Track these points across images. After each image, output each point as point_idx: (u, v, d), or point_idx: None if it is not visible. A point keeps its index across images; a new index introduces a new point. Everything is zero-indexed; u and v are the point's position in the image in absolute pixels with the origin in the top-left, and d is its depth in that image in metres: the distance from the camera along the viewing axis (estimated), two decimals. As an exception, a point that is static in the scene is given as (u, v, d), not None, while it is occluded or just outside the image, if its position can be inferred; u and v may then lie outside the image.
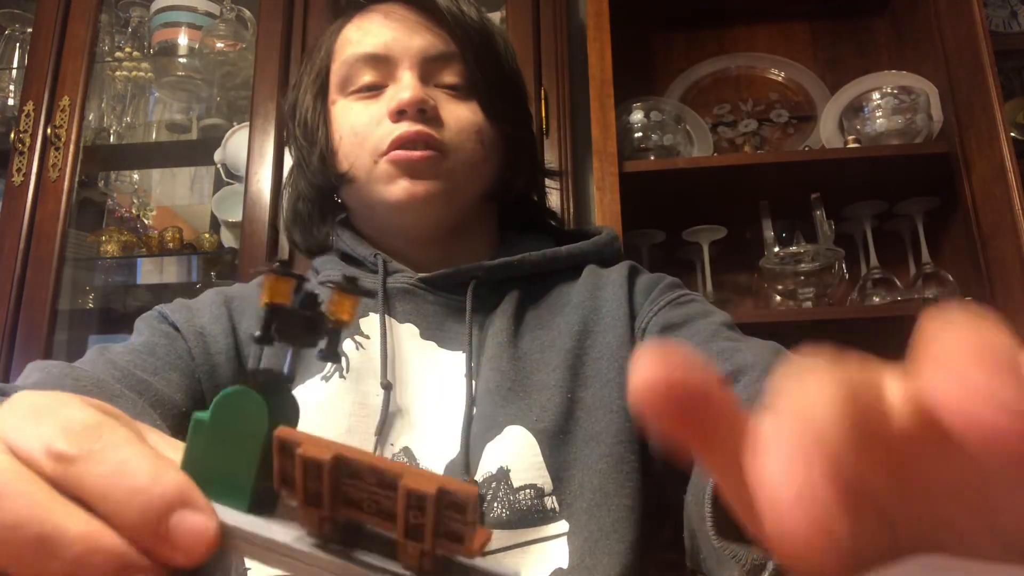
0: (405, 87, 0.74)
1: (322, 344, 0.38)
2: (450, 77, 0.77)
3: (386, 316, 0.74)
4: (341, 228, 0.82)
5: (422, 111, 0.73)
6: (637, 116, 1.71)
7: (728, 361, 0.63)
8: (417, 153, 0.72)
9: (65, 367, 0.64)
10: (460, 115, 0.75)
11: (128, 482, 0.24)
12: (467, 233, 0.81)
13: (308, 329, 0.36)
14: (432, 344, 0.75)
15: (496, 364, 0.71)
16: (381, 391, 0.70)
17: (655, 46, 1.96)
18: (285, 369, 0.37)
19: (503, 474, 0.65)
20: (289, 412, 0.34)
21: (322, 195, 0.82)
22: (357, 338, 0.74)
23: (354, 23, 0.79)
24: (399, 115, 0.73)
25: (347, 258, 0.81)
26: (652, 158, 1.68)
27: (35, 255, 1.61)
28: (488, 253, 0.81)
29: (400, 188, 0.73)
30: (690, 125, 1.82)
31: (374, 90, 0.76)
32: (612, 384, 0.71)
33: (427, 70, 0.76)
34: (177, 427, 0.65)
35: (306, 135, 0.81)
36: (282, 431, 0.28)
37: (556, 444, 0.68)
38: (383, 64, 0.76)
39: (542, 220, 0.89)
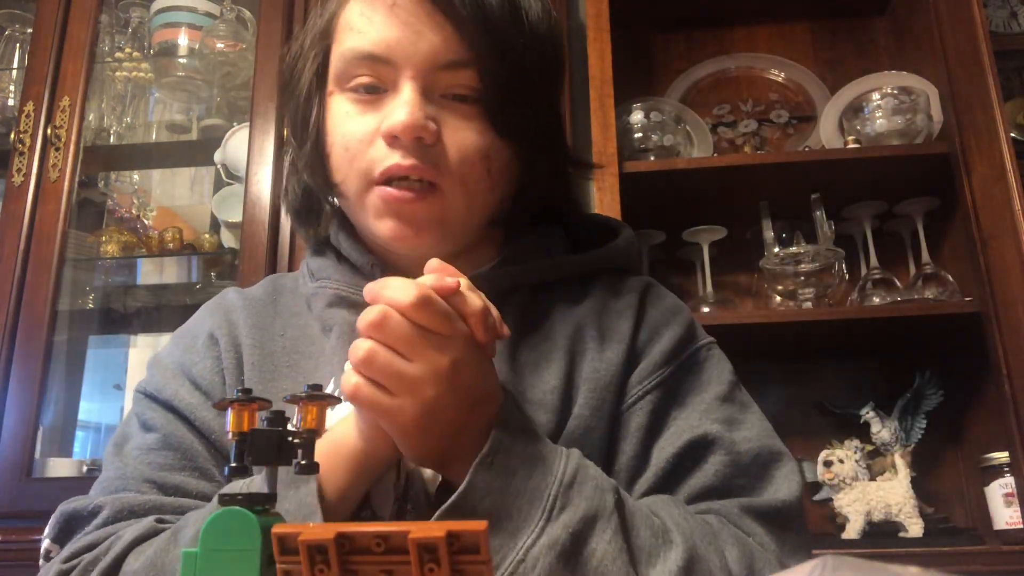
0: (402, 105, 0.64)
1: (299, 458, 0.38)
2: (461, 86, 0.66)
3: None
4: (339, 225, 0.76)
5: (419, 138, 0.64)
6: (637, 116, 1.71)
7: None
8: (409, 195, 0.65)
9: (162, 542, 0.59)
10: (465, 140, 0.66)
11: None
12: (470, 244, 0.73)
13: (281, 448, 0.37)
14: None
15: None
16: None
17: (655, 46, 1.96)
18: (266, 488, 0.37)
19: None
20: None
21: (319, 190, 0.75)
22: None
23: (359, 2, 0.69)
24: (393, 139, 0.65)
25: (344, 259, 0.75)
26: (652, 158, 1.68)
27: (35, 256, 1.61)
28: (492, 255, 0.74)
29: (387, 227, 0.67)
30: (690, 125, 1.82)
31: (373, 93, 0.67)
32: (589, 423, 0.66)
33: (433, 79, 0.66)
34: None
35: (295, 131, 0.74)
36: (279, 527, 0.28)
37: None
38: (383, 67, 0.66)
39: (555, 209, 0.78)
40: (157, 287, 1.89)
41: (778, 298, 1.67)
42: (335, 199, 0.74)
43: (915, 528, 1.47)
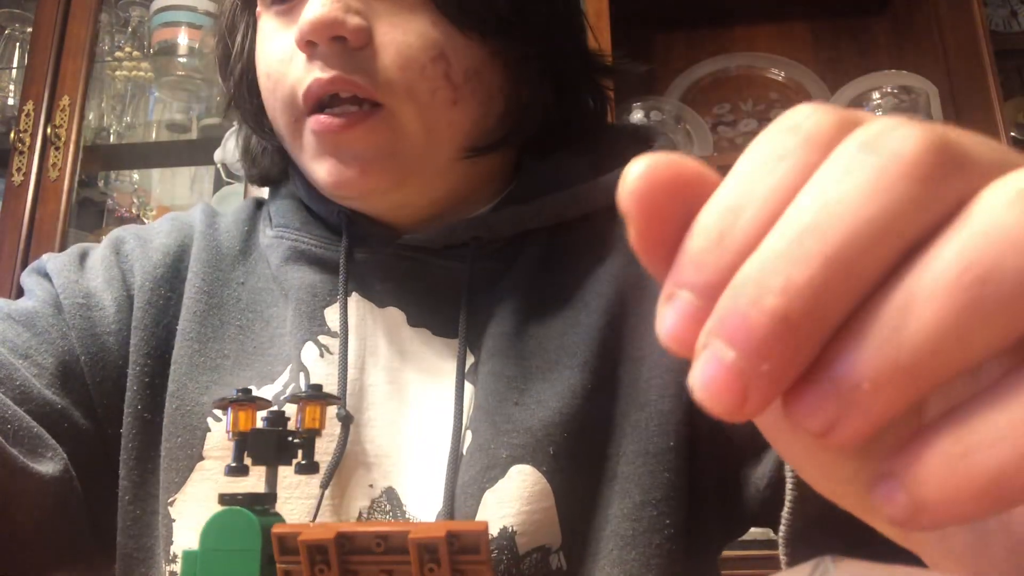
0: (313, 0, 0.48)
1: (300, 459, 0.37)
2: None
3: (350, 304, 0.55)
4: (293, 167, 0.60)
5: (339, 39, 0.48)
6: (637, 116, 1.71)
7: None
8: (338, 122, 0.49)
9: None
10: (408, 35, 0.49)
11: None
12: (460, 176, 0.56)
13: (281, 448, 0.36)
14: (425, 332, 0.55)
15: (497, 366, 0.52)
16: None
17: (655, 46, 1.96)
18: (266, 488, 0.36)
19: (507, 539, 0.48)
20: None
21: (262, 137, 0.61)
22: (322, 339, 0.53)
23: None
24: (309, 47, 0.49)
25: (306, 206, 0.61)
26: (652, 158, 1.68)
27: (35, 255, 1.61)
28: (496, 190, 0.58)
29: (326, 170, 0.51)
30: (690, 125, 1.82)
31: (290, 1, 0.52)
32: (652, 409, 0.51)
33: None
34: (53, 430, 0.51)
35: (220, 67, 0.60)
36: (279, 527, 0.28)
37: (572, 486, 0.50)
38: None
39: (577, 125, 0.60)
40: (157, 286, 1.89)
41: (778, 298, 1.67)
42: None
43: (915, 528, 1.47)
